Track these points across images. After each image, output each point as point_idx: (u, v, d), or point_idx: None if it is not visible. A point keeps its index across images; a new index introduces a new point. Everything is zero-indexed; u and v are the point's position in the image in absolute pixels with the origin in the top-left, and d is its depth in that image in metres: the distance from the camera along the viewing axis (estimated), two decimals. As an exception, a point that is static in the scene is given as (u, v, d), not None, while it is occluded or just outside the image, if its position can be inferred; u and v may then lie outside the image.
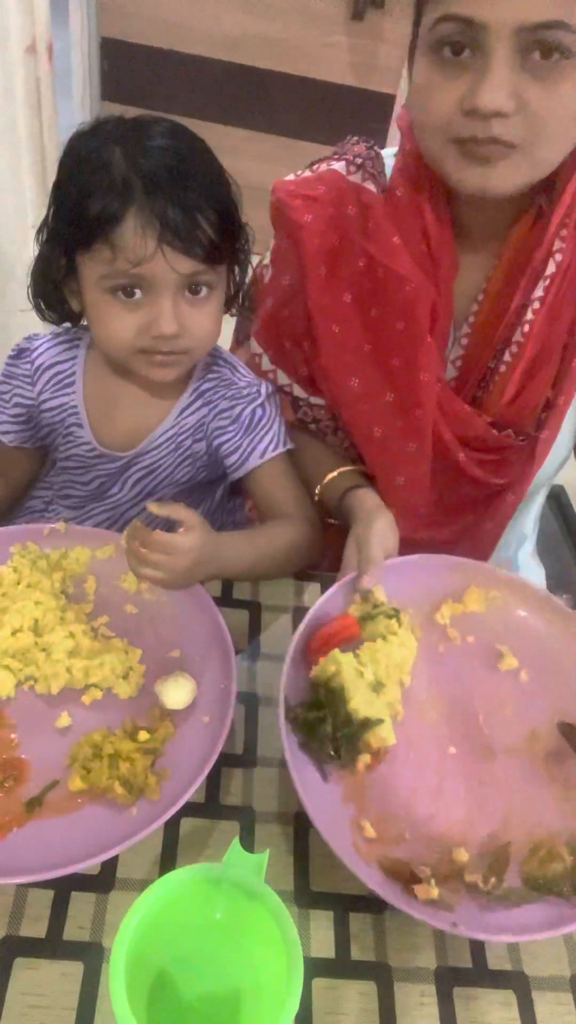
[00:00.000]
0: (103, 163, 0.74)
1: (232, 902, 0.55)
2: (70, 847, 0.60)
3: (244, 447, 0.92)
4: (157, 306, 0.77)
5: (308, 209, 0.89)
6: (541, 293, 0.83)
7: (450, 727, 0.73)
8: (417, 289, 0.85)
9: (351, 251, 0.88)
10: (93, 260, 0.76)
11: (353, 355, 0.92)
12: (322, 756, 0.66)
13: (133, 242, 0.73)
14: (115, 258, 0.74)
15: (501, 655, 0.78)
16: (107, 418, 0.93)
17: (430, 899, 0.58)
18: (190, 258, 0.75)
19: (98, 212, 0.73)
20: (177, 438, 0.93)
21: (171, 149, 0.75)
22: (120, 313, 0.79)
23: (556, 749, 0.72)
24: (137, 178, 0.73)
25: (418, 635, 0.77)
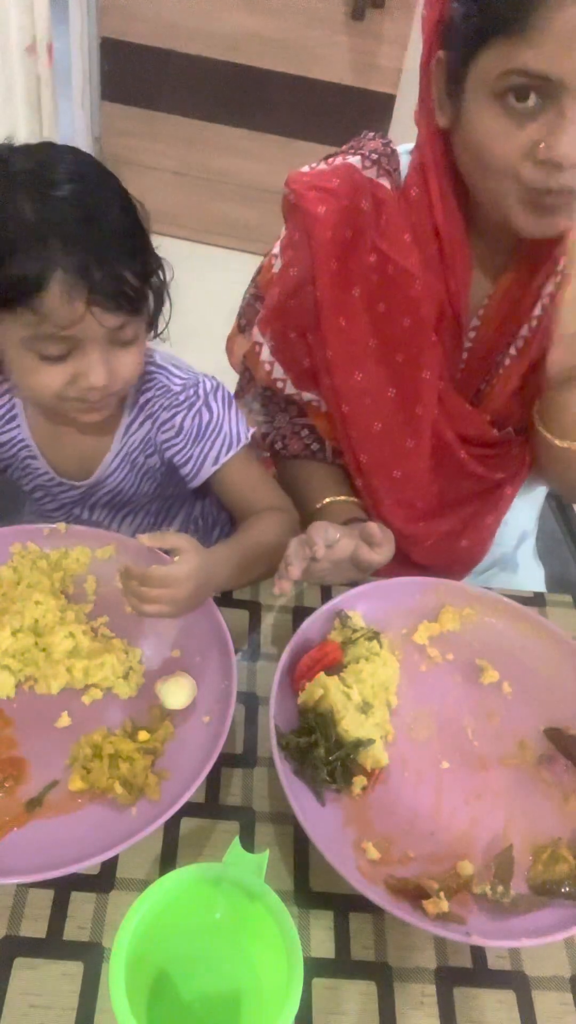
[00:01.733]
0: (14, 218, 0.68)
1: (232, 902, 0.55)
2: (70, 847, 0.60)
3: (195, 456, 0.90)
4: (85, 360, 0.74)
5: (322, 201, 0.89)
6: (551, 289, 0.83)
7: (441, 743, 0.73)
8: (425, 287, 0.85)
9: (362, 245, 0.88)
10: (16, 322, 0.71)
11: (358, 349, 0.92)
12: (317, 781, 0.66)
13: (60, 308, 0.69)
14: (41, 322, 0.70)
15: (482, 669, 0.79)
16: (57, 448, 0.92)
17: (440, 913, 0.58)
18: (118, 314, 0.72)
19: (18, 277, 0.68)
20: (130, 457, 0.92)
21: (81, 196, 0.70)
22: (45, 370, 0.75)
23: (546, 754, 0.73)
24: (54, 238, 0.67)
25: (399, 656, 0.78)
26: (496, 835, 0.67)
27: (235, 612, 0.85)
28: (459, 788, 0.70)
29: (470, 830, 0.67)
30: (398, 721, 0.74)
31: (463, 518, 1.00)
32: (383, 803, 0.68)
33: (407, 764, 0.71)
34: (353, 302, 0.91)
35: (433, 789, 0.70)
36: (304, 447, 1.04)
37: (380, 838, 0.65)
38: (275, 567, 0.89)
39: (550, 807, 0.69)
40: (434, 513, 0.99)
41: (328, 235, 0.89)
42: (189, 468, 0.91)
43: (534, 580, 1.18)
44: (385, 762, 0.69)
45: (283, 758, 0.66)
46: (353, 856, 0.63)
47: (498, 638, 0.82)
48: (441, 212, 0.83)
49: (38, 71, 2.17)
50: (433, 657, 0.80)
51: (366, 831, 0.65)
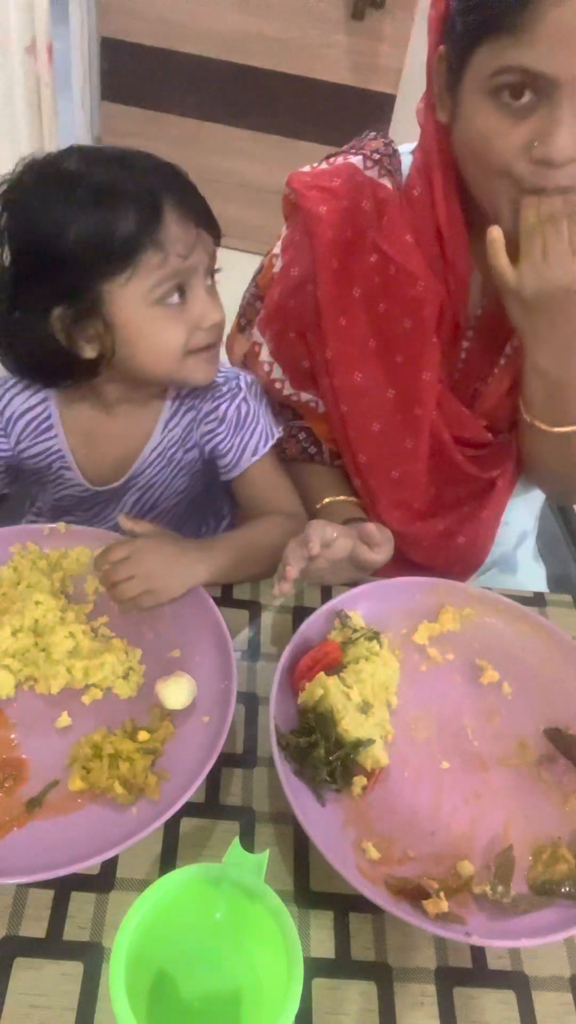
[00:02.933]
0: (106, 184, 0.73)
1: (232, 902, 0.55)
2: (70, 847, 0.60)
3: (236, 446, 0.92)
4: (200, 299, 0.80)
5: (323, 201, 0.89)
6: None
7: (441, 743, 0.73)
8: (427, 289, 0.85)
9: (364, 246, 0.88)
10: (138, 277, 0.75)
11: (358, 349, 0.92)
12: (317, 781, 0.66)
13: (180, 234, 0.75)
14: (166, 257, 0.75)
15: (482, 669, 0.79)
16: (94, 454, 0.92)
17: (440, 912, 0.58)
18: (212, 235, 0.79)
19: (135, 221, 0.72)
20: (167, 451, 0.93)
21: (140, 153, 0.78)
22: (169, 322, 0.79)
23: (546, 755, 0.73)
24: (151, 177, 0.74)
25: (399, 657, 0.78)
26: (496, 835, 0.67)
27: (235, 612, 0.85)
28: (459, 788, 0.70)
29: (470, 830, 0.67)
30: (398, 721, 0.74)
31: (459, 517, 1.00)
32: (383, 803, 0.68)
33: (407, 764, 0.71)
34: (354, 302, 0.91)
35: (433, 789, 0.70)
36: (301, 450, 1.04)
37: (380, 838, 0.65)
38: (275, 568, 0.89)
39: (550, 807, 0.69)
40: (431, 513, 0.99)
41: (329, 234, 0.89)
42: (229, 459, 0.92)
43: (534, 580, 1.18)
44: (385, 762, 0.69)
45: (283, 758, 0.66)
46: (353, 856, 0.63)
47: (498, 638, 0.82)
48: (444, 211, 0.83)
49: (38, 71, 2.17)
50: (433, 657, 0.80)
51: (366, 831, 0.65)
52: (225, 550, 0.84)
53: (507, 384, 0.90)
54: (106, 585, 0.78)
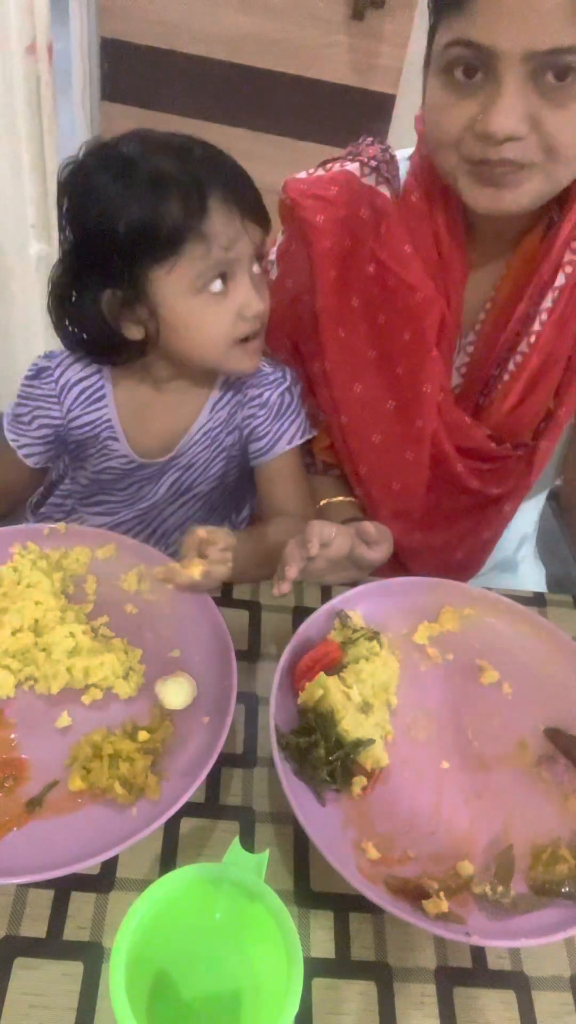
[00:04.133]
0: (158, 173, 0.74)
1: (232, 902, 0.55)
2: (70, 847, 0.60)
3: (273, 432, 0.93)
4: (244, 288, 0.80)
5: (320, 210, 0.89)
6: (549, 304, 0.82)
7: (441, 743, 0.73)
8: (426, 300, 0.85)
9: (362, 255, 0.88)
10: (181, 266, 0.77)
11: (358, 360, 0.92)
12: (317, 781, 0.66)
13: (224, 225, 0.76)
14: (209, 249, 0.76)
15: (482, 670, 0.79)
16: (142, 427, 0.94)
17: (440, 913, 0.58)
18: (259, 226, 0.79)
19: (181, 213, 0.74)
20: (212, 432, 0.94)
21: (193, 139, 0.79)
22: (211, 310, 0.80)
23: (546, 755, 0.73)
24: (202, 168, 0.75)
25: (398, 657, 0.78)
26: (496, 835, 0.67)
27: (235, 612, 0.85)
28: (459, 788, 0.70)
29: (470, 830, 0.67)
30: (398, 721, 0.74)
31: (460, 532, 1.00)
32: (383, 803, 0.68)
33: (407, 764, 0.71)
34: (353, 312, 0.90)
35: (433, 789, 0.70)
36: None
37: (380, 838, 0.65)
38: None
39: (550, 807, 0.69)
40: (431, 525, 0.98)
41: (327, 244, 0.88)
42: (264, 443, 0.94)
43: (534, 580, 1.18)
44: (385, 762, 0.69)
45: (283, 758, 0.66)
46: (353, 856, 0.63)
47: (498, 638, 0.82)
48: (442, 217, 0.83)
49: (38, 71, 2.17)
50: (433, 657, 0.80)
51: (366, 831, 0.65)
52: (250, 546, 0.84)
53: (514, 398, 0.88)
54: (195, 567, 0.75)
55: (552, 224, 0.82)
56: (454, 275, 0.85)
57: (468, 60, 0.68)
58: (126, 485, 0.98)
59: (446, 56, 0.69)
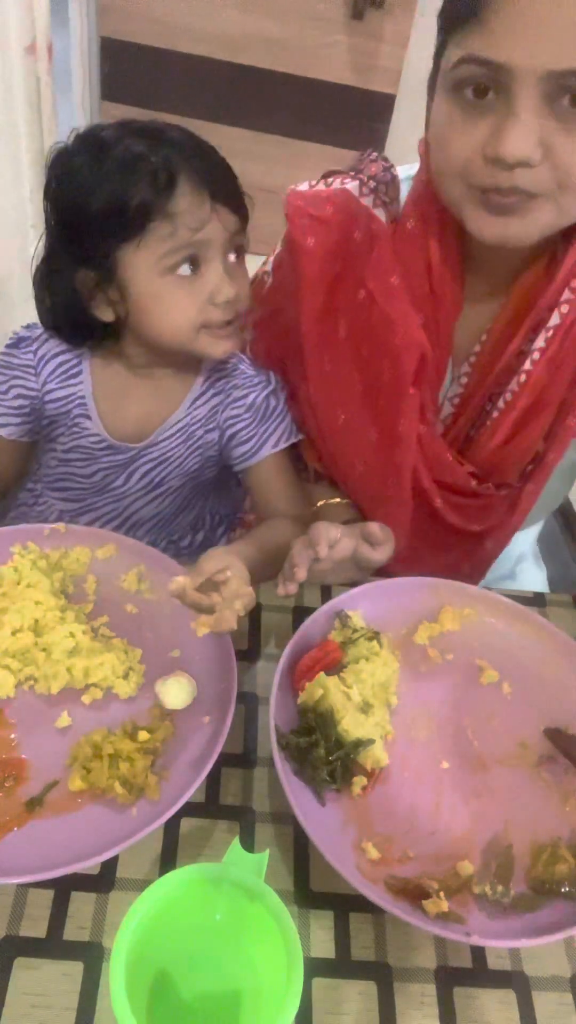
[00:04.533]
0: (129, 154, 0.76)
1: (232, 902, 0.55)
2: (70, 847, 0.60)
3: (259, 435, 0.93)
4: (214, 274, 0.80)
5: (312, 231, 0.87)
6: (543, 344, 0.80)
7: (441, 743, 0.73)
8: (406, 339, 0.82)
9: (352, 280, 0.86)
10: (147, 245, 0.77)
11: (342, 390, 0.91)
12: (317, 781, 0.66)
13: (191, 207, 0.75)
14: (175, 229, 0.76)
15: (482, 670, 0.79)
16: (116, 410, 0.93)
17: (441, 912, 0.58)
18: (234, 214, 0.78)
19: (148, 191, 0.75)
20: (189, 428, 0.93)
21: (175, 127, 0.80)
22: (180, 293, 0.80)
23: (547, 755, 0.73)
24: (173, 150, 0.76)
25: (398, 657, 0.78)
26: (496, 835, 0.67)
27: (235, 612, 0.85)
28: (459, 788, 0.70)
29: (470, 830, 0.67)
30: (398, 721, 0.74)
31: (442, 565, 0.98)
32: (383, 803, 0.68)
33: (407, 764, 0.71)
34: (339, 341, 0.89)
35: (433, 789, 0.70)
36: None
37: (380, 838, 0.65)
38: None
39: (550, 807, 0.69)
40: (412, 557, 0.96)
41: (315, 269, 0.87)
42: (250, 446, 0.93)
43: (534, 581, 1.18)
44: (385, 762, 0.69)
45: (283, 758, 0.66)
46: (353, 856, 0.63)
47: (498, 638, 0.82)
48: (436, 247, 0.80)
49: (38, 71, 2.17)
50: (433, 657, 0.80)
51: (366, 831, 0.65)
52: (254, 561, 0.81)
53: (502, 436, 0.86)
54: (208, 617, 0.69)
55: (555, 258, 0.78)
56: (445, 309, 0.83)
57: (480, 79, 0.64)
58: (93, 471, 0.96)
59: (456, 75, 0.65)
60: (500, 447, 0.87)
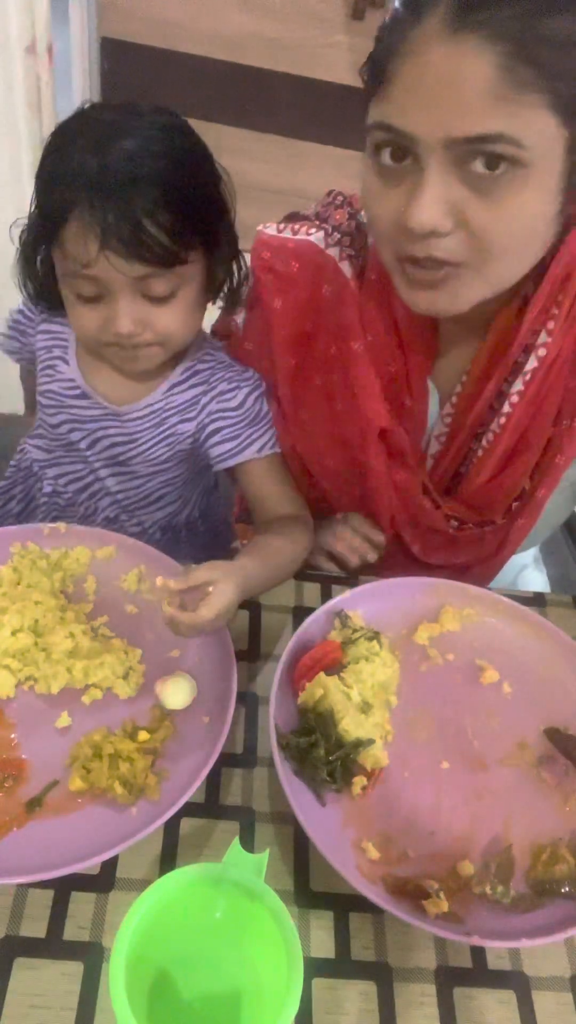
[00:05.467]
0: (63, 158, 0.74)
1: (232, 902, 0.55)
2: (70, 847, 0.60)
3: (244, 437, 0.91)
4: (113, 306, 0.77)
5: (280, 291, 0.86)
6: (521, 387, 0.79)
7: (441, 743, 0.73)
8: (364, 409, 0.83)
9: (325, 335, 0.86)
10: (55, 255, 0.78)
11: (323, 441, 0.91)
12: (317, 781, 0.66)
13: (75, 244, 0.73)
14: (65, 258, 0.75)
15: (482, 670, 0.79)
16: (94, 370, 0.92)
17: (440, 913, 0.58)
18: (137, 262, 0.73)
19: (50, 209, 0.74)
20: (162, 414, 0.91)
21: (133, 151, 0.72)
22: (82, 310, 0.80)
23: (546, 755, 0.73)
24: (84, 182, 0.71)
25: (399, 657, 0.78)
26: (496, 835, 0.67)
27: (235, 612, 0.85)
28: (459, 788, 0.70)
29: (470, 830, 0.67)
30: (398, 720, 0.74)
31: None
32: (383, 803, 0.68)
33: (407, 764, 0.71)
34: (315, 393, 0.89)
35: (433, 789, 0.70)
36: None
37: (380, 838, 0.65)
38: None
39: (550, 807, 0.69)
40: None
41: (285, 332, 0.87)
42: (232, 446, 0.91)
43: (535, 581, 1.18)
44: (385, 762, 0.69)
45: (283, 758, 0.66)
46: (353, 856, 0.63)
47: (498, 638, 0.82)
48: (400, 303, 0.77)
49: (38, 71, 2.17)
50: (433, 657, 0.80)
51: (366, 831, 0.65)
52: (258, 576, 0.79)
53: (487, 475, 0.86)
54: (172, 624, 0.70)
55: (527, 301, 0.76)
56: (416, 360, 0.83)
57: (392, 144, 0.63)
58: (60, 421, 0.94)
59: (372, 138, 0.64)
60: (486, 484, 0.87)
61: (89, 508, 1.01)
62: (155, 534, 1.04)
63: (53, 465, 1.00)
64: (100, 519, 1.01)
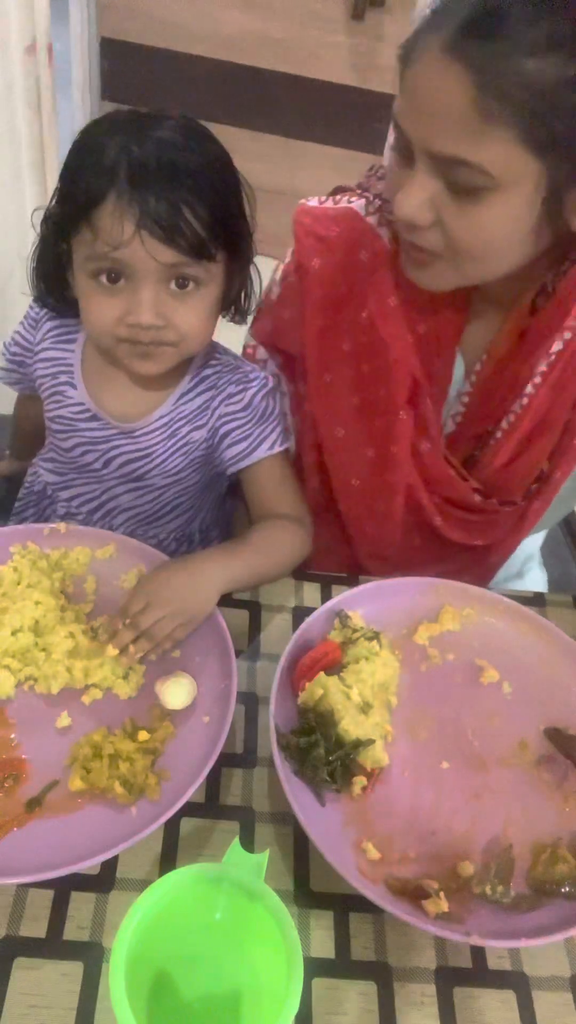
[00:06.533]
0: (98, 148, 0.74)
1: (232, 902, 0.55)
2: (70, 847, 0.60)
3: (255, 436, 0.91)
4: (137, 295, 0.76)
5: (318, 252, 0.87)
6: (544, 368, 0.80)
7: (441, 743, 0.73)
8: (398, 361, 0.83)
9: (358, 300, 0.86)
10: (79, 242, 0.77)
11: (342, 405, 0.91)
12: (317, 781, 0.66)
13: (110, 224, 0.72)
14: (95, 240, 0.74)
15: (482, 669, 0.79)
16: (102, 390, 0.91)
17: (440, 913, 0.58)
18: (171, 248, 0.74)
19: (82, 193, 0.73)
20: (173, 424, 0.91)
21: (170, 142, 0.74)
22: (102, 299, 0.78)
23: (546, 755, 0.73)
24: (124, 164, 0.72)
25: (399, 657, 0.78)
26: (496, 835, 0.67)
27: (235, 612, 0.85)
28: (459, 788, 0.70)
29: (470, 830, 0.67)
30: (398, 720, 0.74)
31: (440, 574, 0.96)
32: (383, 803, 0.68)
33: (407, 764, 0.71)
34: (341, 356, 0.89)
35: (433, 789, 0.70)
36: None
37: (380, 838, 0.65)
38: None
39: (550, 807, 0.69)
40: (408, 567, 0.95)
41: (319, 292, 0.87)
42: (244, 447, 0.91)
43: (536, 582, 1.18)
44: (385, 762, 0.69)
45: (283, 758, 0.66)
46: (353, 856, 0.63)
47: (498, 638, 0.82)
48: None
49: (38, 71, 2.17)
50: (433, 657, 0.80)
51: (366, 831, 0.65)
52: (238, 556, 0.81)
53: (505, 456, 0.87)
54: (135, 634, 0.74)
55: (544, 290, 0.79)
56: (446, 328, 0.83)
57: (400, 140, 0.69)
58: (72, 445, 0.94)
59: (394, 130, 0.70)
60: (504, 467, 0.87)
61: (104, 526, 1.00)
62: (170, 545, 1.04)
63: (66, 487, 0.99)
64: None
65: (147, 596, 0.74)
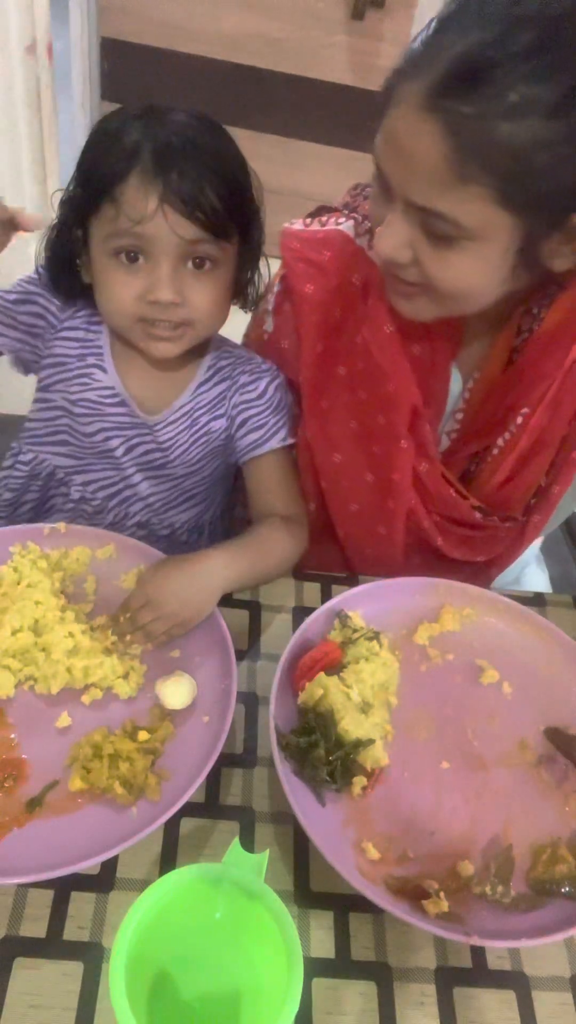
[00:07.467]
0: (120, 131, 0.76)
1: (232, 902, 0.55)
2: (70, 847, 0.60)
3: (270, 425, 0.92)
4: (157, 271, 0.77)
5: (310, 277, 0.87)
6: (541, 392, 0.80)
7: (441, 743, 0.73)
8: (398, 392, 0.83)
9: (352, 324, 0.86)
10: (100, 220, 0.77)
11: (339, 431, 0.91)
12: (317, 781, 0.66)
13: (134, 199, 0.74)
14: (118, 215, 0.75)
15: (482, 669, 0.79)
16: (128, 377, 0.91)
17: (441, 912, 0.58)
18: (192, 223, 0.75)
19: (106, 171, 0.75)
20: (194, 413, 0.92)
21: (188, 124, 0.77)
22: (121, 277, 0.79)
23: (546, 754, 0.73)
24: (147, 142, 0.74)
25: (399, 657, 0.78)
26: (496, 835, 0.67)
27: (235, 612, 0.85)
28: (459, 788, 0.70)
29: (470, 830, 0.67)
30: (398, 720, 0.74)
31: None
32: (383, 803, 0.68)
33: (407, 764, 0.71)
34: (338, 381, 0.89)
35: (433, 789, 0.70)
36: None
37: (380, 838, 0.65)
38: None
39: (550, 807, 0.69)
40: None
41: (314, 318, 0.87)
42: (259, 435, 0.92)
43: (536, 582, 1.18)
44: (385, 762, 0.69)
45: (283, 758, 0.66)
46: (353, 856, 0.63)
47: (498, 638, 0.82)
48: None
49: (38, 71, 2.17)
50: (433, 657, 0.80)
51: (366, 831, 0.65)
52: (237, 555, 0.82)
53: (503, 475, 0.87)
54: (133, 629, 0.77)
55: (529, 311, 0.79)
56: (442, 348, 0.83)
57: (379, 177, 0.69)
58: (95, 430, 0.92)
59: (375, 163, 0.70)
60: (503, 484, 0.87)
61: (119, 514, 1.00)
62: (183, 535, 1.04)
63: (80, 472, 0.98)
64: (131, 524, 1.00)
65: (147, 594, 0.75)
